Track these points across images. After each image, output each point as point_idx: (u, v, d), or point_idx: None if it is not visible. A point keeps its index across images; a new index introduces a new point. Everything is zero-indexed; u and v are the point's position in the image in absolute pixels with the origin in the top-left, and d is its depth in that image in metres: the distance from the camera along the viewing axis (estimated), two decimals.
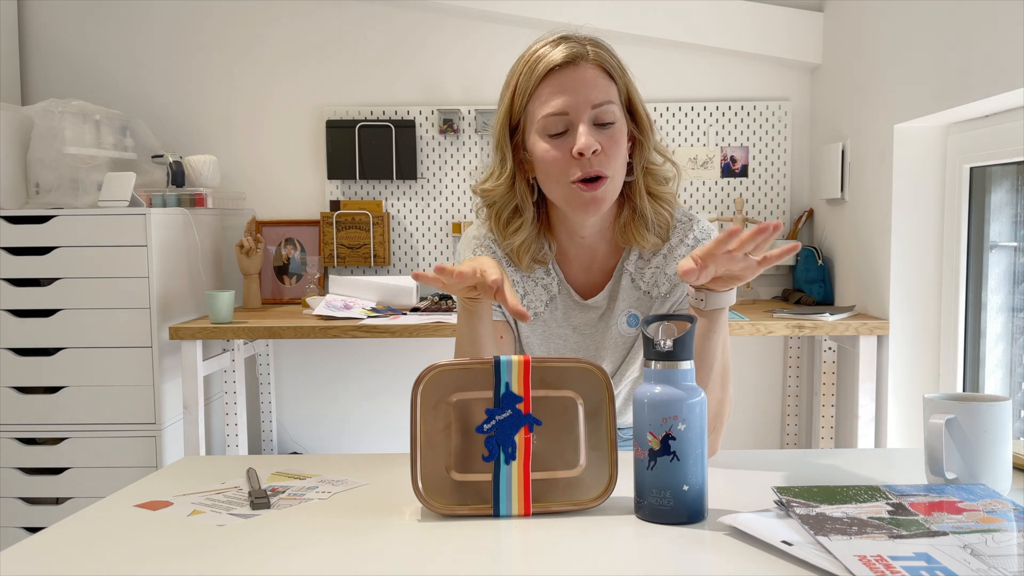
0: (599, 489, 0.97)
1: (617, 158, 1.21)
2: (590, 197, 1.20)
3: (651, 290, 1.33)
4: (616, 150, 1.20)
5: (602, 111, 1.19)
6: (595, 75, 1.20)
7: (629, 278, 1.33)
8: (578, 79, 1.19)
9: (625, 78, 1.24)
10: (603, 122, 1.20)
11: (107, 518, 0.98)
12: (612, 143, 1.20)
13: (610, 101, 1.20)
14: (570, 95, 1.19)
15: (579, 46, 1.21)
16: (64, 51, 3.05)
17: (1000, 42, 1.76)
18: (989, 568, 0.74)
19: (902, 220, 2.33)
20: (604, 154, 1.19)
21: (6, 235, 2.48)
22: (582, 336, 1.36)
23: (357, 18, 3.01)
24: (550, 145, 1.20)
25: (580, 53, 1.20)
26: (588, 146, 1.17)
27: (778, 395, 3.08)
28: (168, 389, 2.55)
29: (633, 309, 1.34)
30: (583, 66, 1.20)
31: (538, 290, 1.35)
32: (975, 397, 1.01)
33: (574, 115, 1.19)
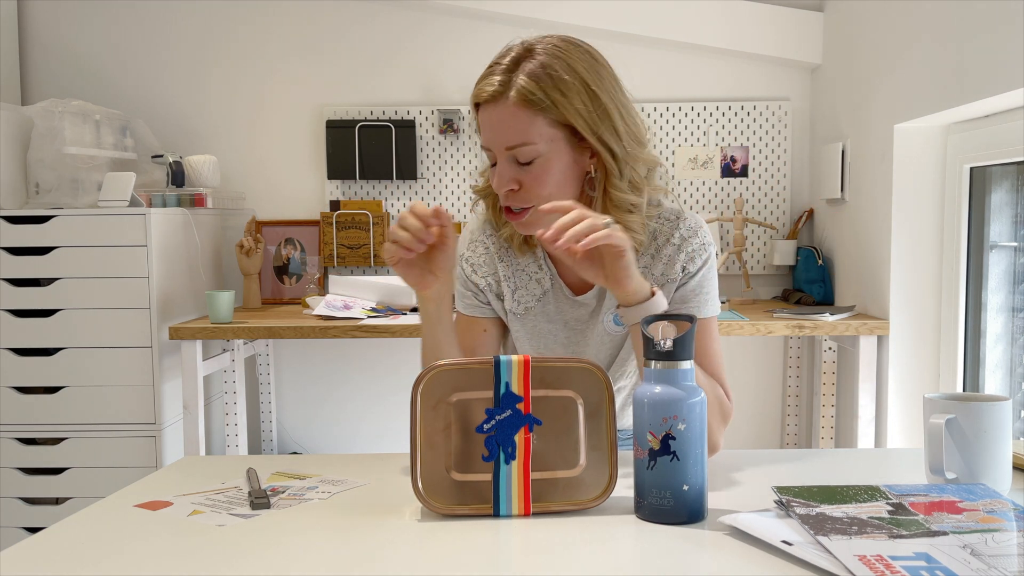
0: (599, 489, 0.97)
1: (539, 190, 1.19)
2: (516, 223, 1.24)
3: None
4: (540, 183, 1.19)
5: (517, 153, 1.18)
6: (513, 114, 1.17)
7: None
8: (495, 119, 1.19)
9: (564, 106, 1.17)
10: (523, 161, 1.19)
11: (107, 518, 0.98)
12: (532, 180, 1.19)
13: (525, 143, 1.17)
14: (489, 133, 1.20)
15: (502, 83, 1.17)
16: (64, 51, 3.05)
17: (1000, 42, 1.76)
18: (989, 568, 0.74)
19: (902, 220, 2.33)
20: (524, 190, 1.20)
21: (6, 235, 2.48)
22: (572, 332, 1.36)
23: (357, 18, 3.01)
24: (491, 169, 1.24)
25: (499, 92, 1.17)
26: (499, 187, 1.20)
27: (778, 395, 3.08)
28: (168, 389, 2.55)
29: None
30: (502, 104, 1.17)
31: (531, 284, 1.35)
32: (975, 397, 1.01)
33: (495, 150, 1.21)
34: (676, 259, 1.27)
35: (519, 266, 1.35)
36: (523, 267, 1.35)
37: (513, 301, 1.35)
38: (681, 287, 1.29)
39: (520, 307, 1.35)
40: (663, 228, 1.29)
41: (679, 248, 1.28)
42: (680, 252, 1.27)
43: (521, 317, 1.36)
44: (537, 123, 1.17)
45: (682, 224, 1.29)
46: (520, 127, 1.17)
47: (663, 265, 1.28)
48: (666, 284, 1.29)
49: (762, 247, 3.01)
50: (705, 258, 1.28)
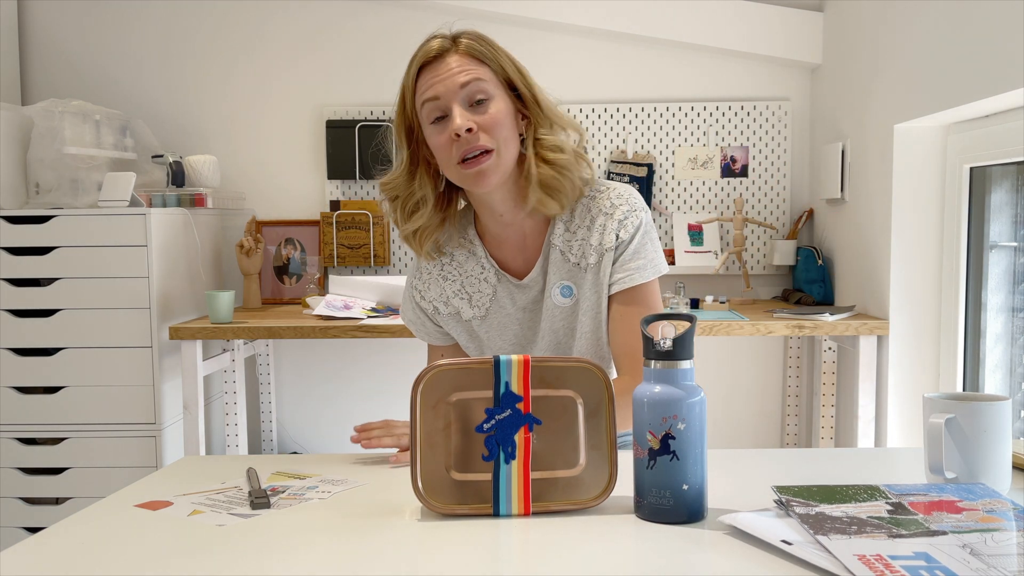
0: (599, 488, 0.98)
1: (498, 130, 1.28)
2: (475, 171, 1.27)
3: (580, 261, 1.37)
4: (494, 123, 1.28)
5: (471, 89, 1.28)
6: (462, 61, 1.29)
7: (558, 251, 1.37)
8: (445, 67, 1.29)
9: (500, 60, 1.32)
10: (476, 100, 1.28)
11: (107, 518, 0.98)
12: (488, 118, 1.28)
13: (478, 79, 1.28)
14: (440, 83, 1.28)
15: (446, 40, 1.32)
16: (64, 51, 3.05)
17: (1000, 42, 1.76)
18: (988, 568, 0.74)
19: (902, 220, 2.33)
20: (481, 130, 1.27)
21: (6, 235, 2.48)
22: (527, 314, 1.42)
23: (357, 18, 3.01)
24: (435, 132, 1.29)
25: (446, 46, 1.31)
26: (461, 126, 1.25)
27: (778, 395, 3.08)
28: (168, 389, 2.55)
29: (565, 280, 1.38)
30: (450, 56, 1.30)
31: (482, 285, 1.41)
32: (975, 397, 1.01)
33: (445, 99, 1.28)
34: (608, 227, 1.34)
35: (465, 274, 1.42)
36: (469, 273, 1.42)
37: (472, 309, 1.42)
38: (619, 256, 1.35)
39: (481, 311, 1.42)
40: (594, 200, 1.37)
41: (610, 215, 1.35)
42: (611, 220, 1.34)
43: (484, 319, 1.42)
44: (484, 70, 1.30)
45: (611, 192, 1.37)
46: (471, 68, 1.29)
47: (598, 235, 1.35)
48: (605, 253, 1.35)
49: (762, 247, 3.01)
50: (637, 224, 1.35)
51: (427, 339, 1.51)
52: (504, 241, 1.40)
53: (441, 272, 1.44)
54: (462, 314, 1.43)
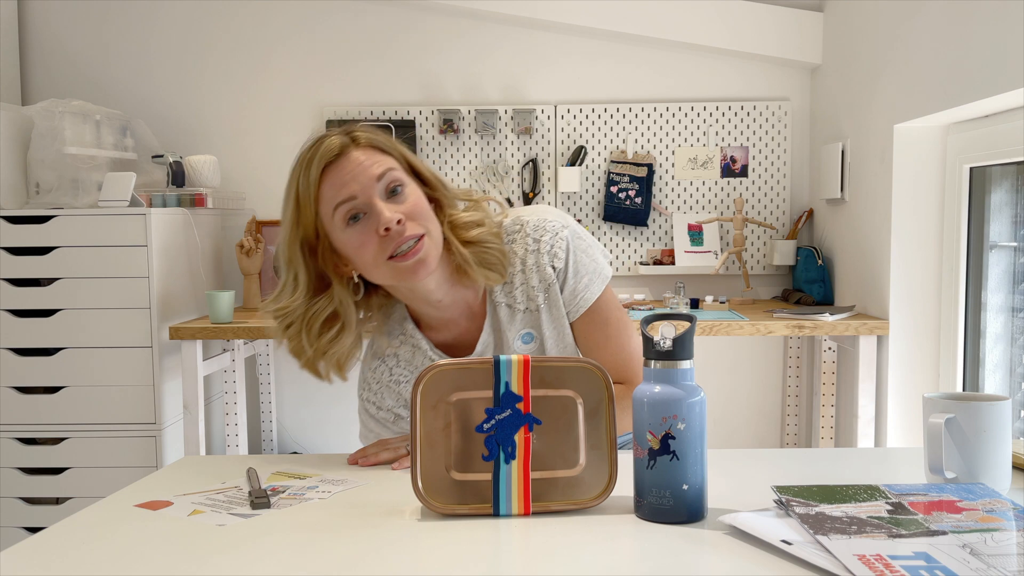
0: (599, 488, 0.97)
1: (423, 214, 1.22)
2: (415, 262, 1.20)
3: (529, 305, 1.33)
4: (418, 208, 1.22)
5: (387, 180, 1.20)
6: (367, 154, 1.21)
7: (504, 307, 1.33)
8: (353, 163, 1.20)
9: (398, 148, 1.26)
10: (393, 188, 1.21)
11: (107, 518, 0.98)
12: (411, 205, 1.21)
13: (390, 168, 1.22)
14: (351, 181, 1.19)
15: (342, 137, 1.22)
16: (64, 51, 3.05)
17: (1000, 42, 1.76)
18: (988, 567, 0.74)
19: (902, 220, 2.33)
20: (408, 218, 1.20)
21: (6, 235, 2.48)
22: None
23: (357, 18, 3.01)
24: (355, 234, 1.19)
25: (345, 143, 1.21)
26: (390, 219, 1.17)
27: (778, 395, 3.08)
28: (168, 389, 2.55)
29: (525, 328, 1.34)
30: (352, 152, 1.21)
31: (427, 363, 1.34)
32: (975, 397, 1.01)
33: (364, 196, 1.19)
34: (541, 263, 1.31)
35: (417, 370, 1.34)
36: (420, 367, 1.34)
37: None
38: (563, 284, 1.32)
39: None
40: (515, 243, 1.32)
41: (537, 251, 1.31)
42: (540, 255, 1.31)
43: None
44: (389, 159, 1.23)
45: (527, 228, 1.32)
46: (380, 159, 1.22)
47: (536, 275, 1.31)
48: (550, 287, 1.31)
49: (762, 247, 3.01)
50: (564, 247, 1.31)
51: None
52: (449, 321, 1.33)
53: (391, 377, 1.36)
54: None
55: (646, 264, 2.97)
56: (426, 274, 1.21)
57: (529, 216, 1.33)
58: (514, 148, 3.01)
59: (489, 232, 1.29)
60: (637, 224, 2.99)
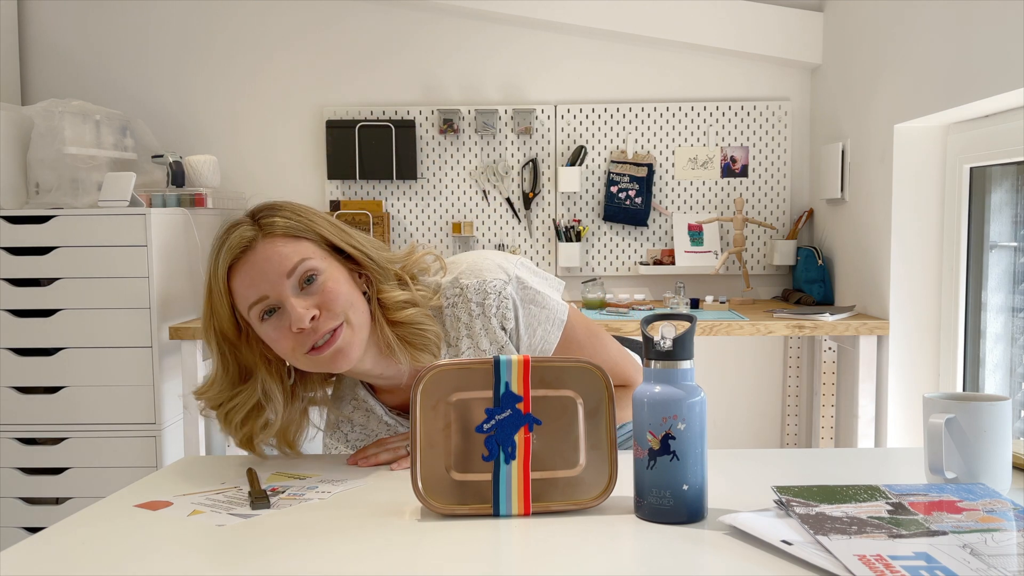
0: (599, 489, 0.97)
1: (339, 302, 1.14)
2: (331, 353, 1.14)
3: None
4: (335, 296, 1.14)
5: (299, 272, 1.13)
6: (275, 246, 1.14)
7: None
8: (260, 261, 1.13)
9: (315, 227, 1.17)
10: (306, 280, 1.14)
11: (107, 518, 0.98)
12: (326, 293, 1.14)
13: (302, 259, 1.14)
14: (260, 279, 1.13)
15: (249, 227, 1.15)
16: (64, 51, 3.05)
17: (1000, 42, 1.76)
18: (988, 568, 0.74)
19: (902, 220, 2.33)
20: (325, 309, 1.13)
21: (6, 235, 2.48)
22: None
23: (357, 18, 3.01)
24: (270, 328, 1.14)
25: (251, 236, 1.14)
26: (302, 318, 1.11)
27: (778, 395, 3.08)
28: (168, 389, 2.55)
29: None
30: (260, 245, 1.14)
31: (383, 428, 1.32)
32: (975, 397, 1.01)
33: (274, 294, 1.13)
34: (490, 327, 1.25)
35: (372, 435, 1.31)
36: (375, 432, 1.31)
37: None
38: (519, 342, 1.27)
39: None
40: (457, 308, 1.26)
41: (483, 315, 1.25)
42: (487, 319, 1.25)
43: None
44: (304, 245, 1.15)
45: (469, 292, 1.25)
46: (291, 250, 1.14)
47: (485, 337, 1.25)
48: (504, 346, 1.26)
49: (762, 247, 3.01)
50: (510, 304, 1.25)
51: None
52: (395, 386, 1.28)
53: (348, 444, 1.33)
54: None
55: (646, 264, 2.97)
56: (347, 364, 1.16)
57: (468, 278, 1.26)
58: (514, 148, 3.01)
59: (421, 313, 1.21)
60: (637, 224, 2.99)
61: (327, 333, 1.13)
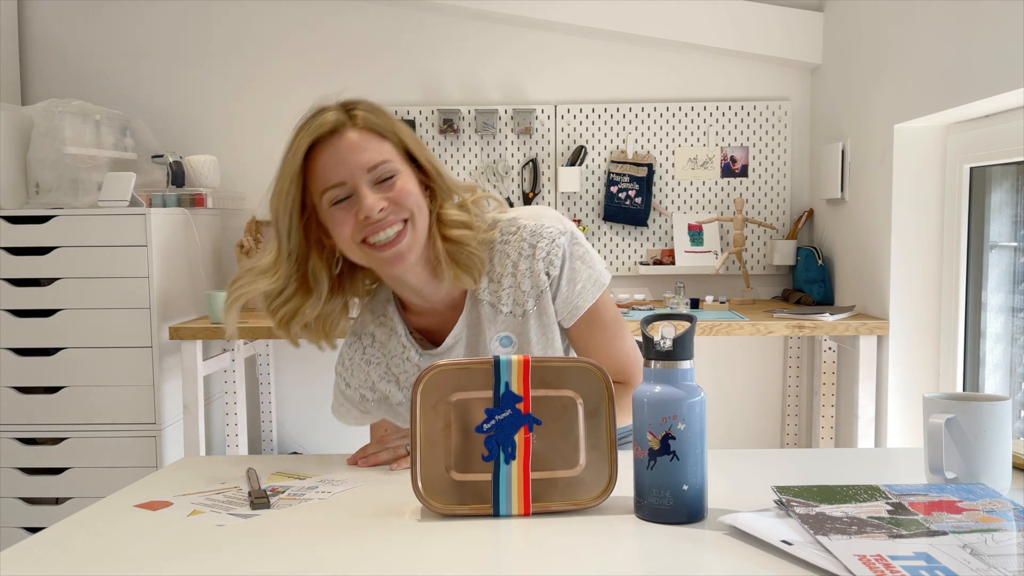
0: (599, 489, 0.97)
1: (410, 200, 1.20)
2: (392, 254, 1.19)
3: (514, 310, 1.30)
4: (406, 195, 1.20)
5: (379, 171, 1.18)
6: (362, 138, 1.19)
7: (487, 305, 1.30)
8: (346, 147, 1.18)
9: (397, 132, 1.22)
10: (383, 179, 1.19)
11: (107, 518, 0.98)
12: (399, 192, 1.19)
13: (384, 160, 1.19)
14: (341, 165, 1.17)
15: (339, 113, 1.20)
16: (64, 51, 3.05)
17: (1000, 42, 1.76)
18: (989, 568, 0.74)
19: (902, 220, 2.33)
20: (394, 203, 1.18)
21: (6, 235, 2.48)
22: None
23: (357, 18, 3.01)
24: (338, 212, 1.19)
25: (340, 121, 1.19)
26: (372, 208, 1.16)
27: (778, 395, 3.08)
28: (168, 389, 2.55)
29: (504, 331, 1.31)
30: (349, 132, 1.19)
31: (407, 365, 1.34)
32: (975, 397, 1.01)
33: (352, 183, 1.18)
34: (535, 268, 1.28)
35: (389, 355, 1.34)
36: (392, 353, 1.34)
37: (400, 392, 1.35)
38: (556, 292, 1.30)
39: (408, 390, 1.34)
40: (510, 243, 1.29)
41: (533, 258, 1.28)
42: (535, 261, 1.28)
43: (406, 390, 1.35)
44: (386, 146, 1.20)
45: (523, 232, 1.29)
46: (375, 146, 1.19)
47: (528, 279, 1.28)
48: (541, 295, 1.29)
49: (762, 247, 3.01)
50: (560, 254, 1.28)
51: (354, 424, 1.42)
52: (430, 309, 1.32)
53: (363, 356, 1.36)
54: (391, 398, 1.35)
55: (646, 264, 2.97)
56: (402, 267, 1.21)
57: (527, 219, 1.30)
58: (514, 148, 3.01)
59: (473, 237, 1.26)
60: (637, 224, 2.99)
61: (392, 226, 1.18)
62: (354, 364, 1.36)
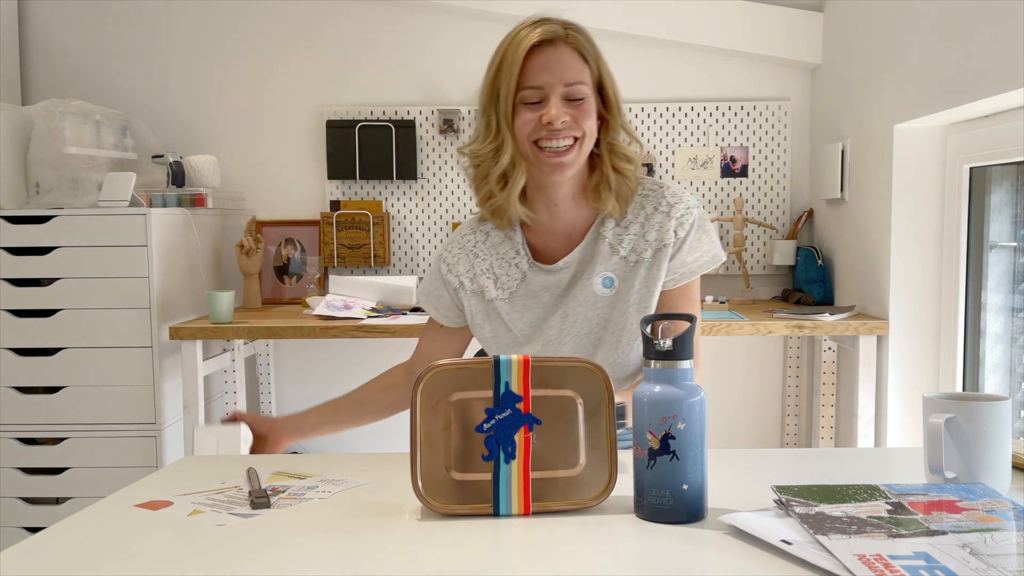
0: (599, 488, 0.98)
1: (586, 122, 1.34)
2: (556, 162, 1.33)
3: (629, 255, 1.41)
4: (585, 118, 1.34)
5: (573, 89, 1.33)
6: (570, 56, 1.34)
7: (607, 244, 1.41)
8: (554, 58, 1.33)
9: (599, 62, 1.37)
10: (573, 98, 1.33)
11: (107, 518, 0.98)
12: (581, 112, 1.33)
13: (581, 82, 1.33)
14: (546, 72, 1.32)
15: (559, 28, 1.34)
16: (64, 51, 3.05)
17: (1000, 42, 1.76)
18: (988, 567, 0.74)
19: (902, 220, 2.33)
20: (574, 120, 1.33)
21: (6, 235, 2.48)
22: (557, 298, 1.44)
23: (357, 18, 3.01)
24: (526, 110, 1.34)
25: (559, 34, 1.34)
26: (556, 117, 1.31)
27: (778, 395, 3.08)
28: (168, 389, 2.55)
29: (610, 272, 1.41)
30: (560, 47, 1.34)
31: (511, 269, 1.45)
32: (975, 397, 1.01)
33: (548, 89, 1.32)
34: (667, 225, 1.40)
35: (497, 255, 1.46)
36: (501, 255, 1.46)
37: (497, 290, 1.45)
38: (676, 252, 1.40)
39: (505, 292, 1.45)
40: (648, 198, 1.42)
41: (668, 215, 1.40)
42: (670, 219, 1.40)
43: (509, 300, 1.45)
44: (585, 71, 1.35)
45: (667, 192, 1.42)
46: (577, 67, 1.34)
47: (655, 231, 1.40)
48: (662, 248, 1.39)
49: (762, 247, 3.01)
50: (692, 220, 1.41)
51: (438, 316, 1.52)
52: (551, 229, 1.44)
53: (473, 248, 1.48)
54: (486, 293, 1.46)
55: None
56: (560, 176, 1.35)
57: (670, 183, 1.46)
58: None
59: (634, 171, 1.41)
60: None
61: (564, 140, 1.33)
62: (463, 252, 1.48)
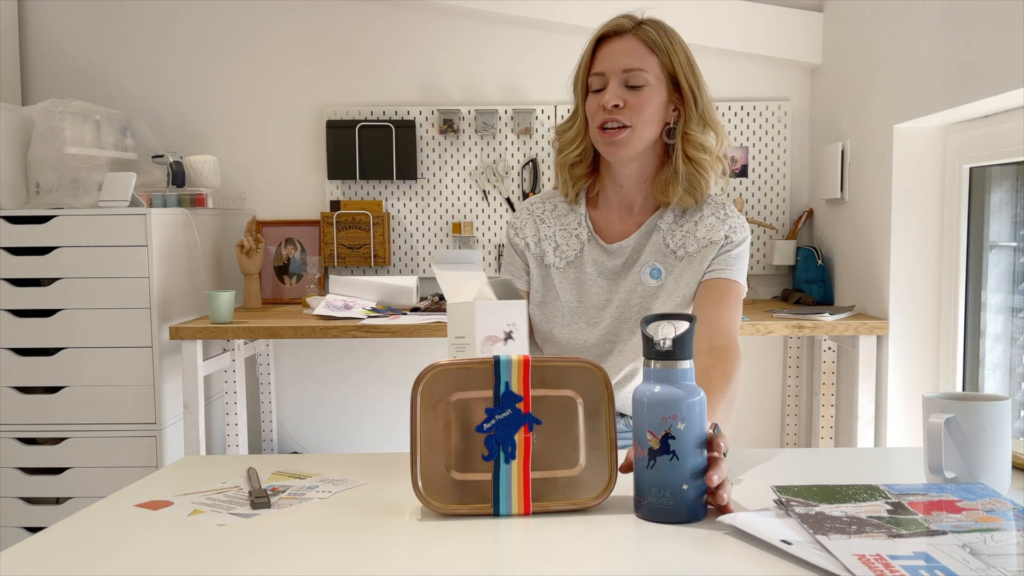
0: (599, 488, 0.98)
1: (640, 113, 1.41)
2: (609, 140, 1.42)
3: (678, 250, 1.48)
4: (640, 106, 1.41)
5: (631, 75, 1.41)
6: (633, 46, 1.43)
7: (661, 235, 1.49)
8: (617, 48, 1.43)
9: (672, 52, 1.44)
10: (632, 84, 1.41)
11: (107, 518, 0.98)
12: (637, 100, 1.41)
13: (641, 69, 1.42)
14: (607, 59, 1.43)
15: (627, 21, 1.44)
16: (64, 51, 3.05)
17: (1000, 42, 1.76)
18: (988, 567, 0.74)
19: (902, 220, 2.33)
20: (628, 108, 1.41)
21: (6, 235, 2.48)
22: (607, 280, 1.52)
23: (357, 18, 3.01)
24: (592, 99, 1.45)
25: (624, 27, 1.43)
26: (609, 100, 1.41)
27: (778, 395, 3.08)
28: (168, 389, 2.55)
29: (657, 263, 1.49)
30: (625, 38, 1.43)
31: (571, 240, 1.54)
32: (975, 397, 1.01)
33: (608, 76, 1.42)
34: (720, 228, 1.47)
35: (560, 224, 1.56)
36: (564, 225, 1.55)
37: (555, 256, 1.54)
38: (722, 252, 1.47)
39: (562, 261, 1.54)
40: (710, 205, 1.50)
41: (723, 221, 1.48)
42: (724, 224, 1.48)
43: (563, 270, 1.54)
44: (651, 60, 1.43)
45: (728, 207, 1.51)
46: (639, 55, 1.42)
47: (706, 229, 1.47)
48: (707, 245, 1.47)
49: (762, 247, 3.01)
50: (743, 236, 1.48)
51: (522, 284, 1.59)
52: (612, 209, 1.53)
53: (541, 215, 1.57)
54: (545, 258, 1.55)
55: None
56: (614, 156, 1.44)
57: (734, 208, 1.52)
58: (514, 148, 3.01)
59: (707, 160, 1.46)
60: None
61: (616, 123, 1.41)
62: (531, 217, 1.58)
